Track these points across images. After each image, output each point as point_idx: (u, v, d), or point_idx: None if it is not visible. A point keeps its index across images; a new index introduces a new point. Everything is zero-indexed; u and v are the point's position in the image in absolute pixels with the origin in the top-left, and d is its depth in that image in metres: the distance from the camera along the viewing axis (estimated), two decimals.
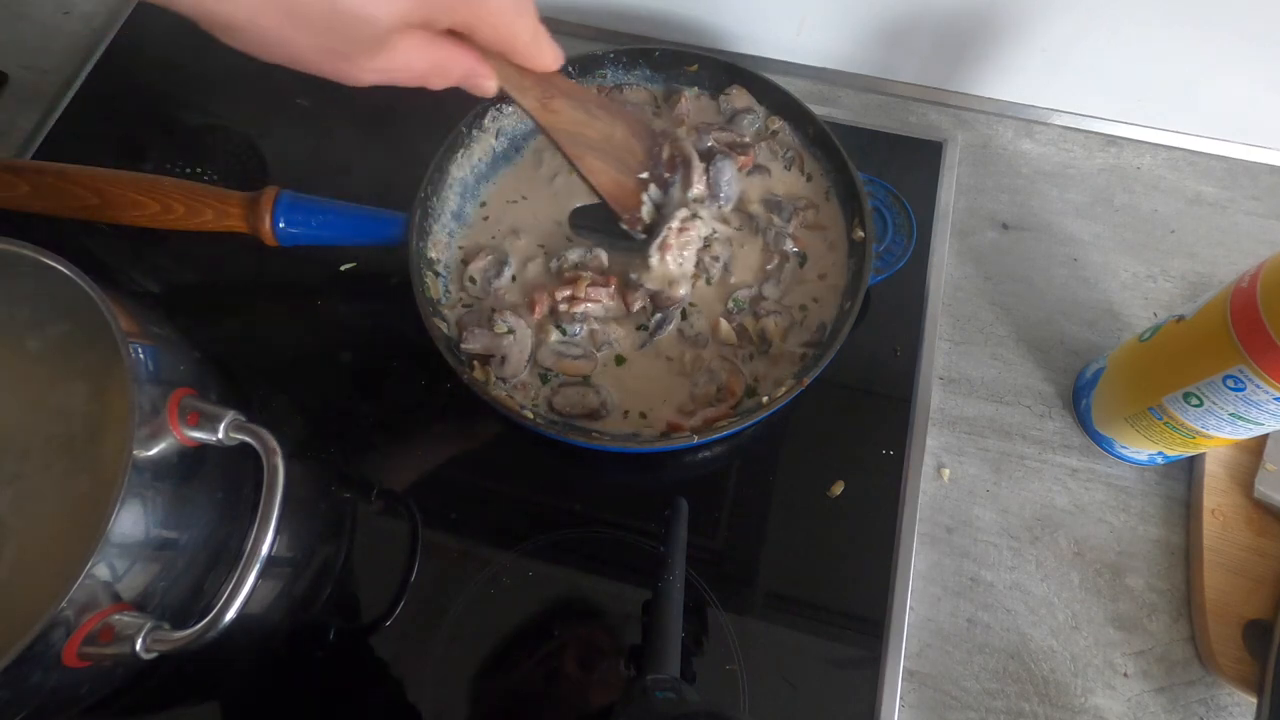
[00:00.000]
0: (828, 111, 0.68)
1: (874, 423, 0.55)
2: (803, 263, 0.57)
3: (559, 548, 0.51)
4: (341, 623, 0.49)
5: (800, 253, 0.57)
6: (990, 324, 0.60)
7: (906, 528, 0.52)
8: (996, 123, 0.69)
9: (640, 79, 0.64)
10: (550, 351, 0.52)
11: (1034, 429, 0.56)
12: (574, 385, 0.52)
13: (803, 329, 0.54)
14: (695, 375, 0.53)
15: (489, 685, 0.48)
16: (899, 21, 0.65)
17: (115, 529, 0.36)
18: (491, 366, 0.52)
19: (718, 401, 0.52)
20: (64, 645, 0.36)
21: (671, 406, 0.52)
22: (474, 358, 0.52)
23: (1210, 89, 0.63)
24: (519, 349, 0.52)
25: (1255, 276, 0.41)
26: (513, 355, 0.52)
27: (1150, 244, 0.63)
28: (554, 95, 0.44)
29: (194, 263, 0.62)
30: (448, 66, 0.35)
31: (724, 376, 0.52)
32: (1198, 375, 0.44)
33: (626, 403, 0.52)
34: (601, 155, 0.49)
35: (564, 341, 0.53)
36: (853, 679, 0.48)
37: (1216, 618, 0.48)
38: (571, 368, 0.52)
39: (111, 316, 0.39)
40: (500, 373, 0.52)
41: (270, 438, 0.42)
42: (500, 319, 0.52)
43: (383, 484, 0.54)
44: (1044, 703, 0.48)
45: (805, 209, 0.57)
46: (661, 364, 0.53)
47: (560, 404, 0.51)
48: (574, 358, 0.52)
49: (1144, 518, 0.53)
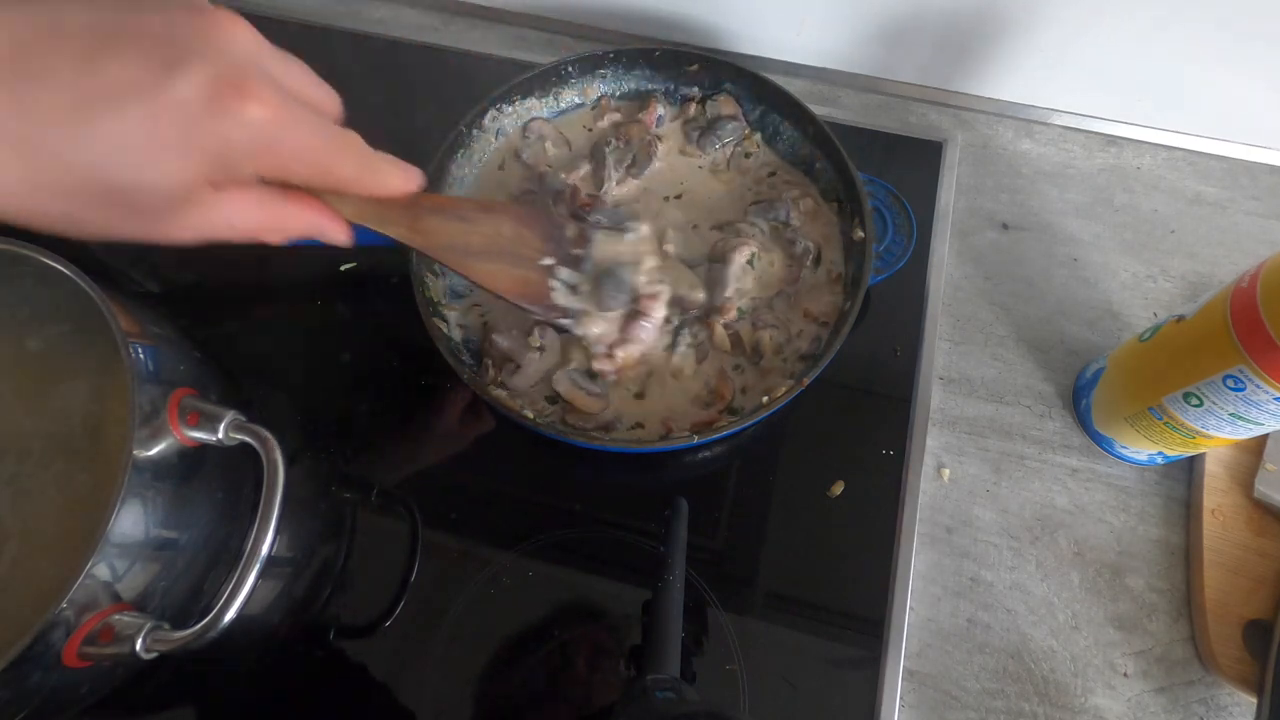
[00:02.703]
0: (828, 111, 0.68)
1: (874, 423, 0.55)
2: (818, 261, 0.56)
3: (559, 548, 0.51)
4: (341, 623, 0.49)
5: (815, 247, 0.57)
6: (990, 324, 0.60)
7: (906, 528, 0.52)
8: (996, 123, 0.70)
9: (640, 79, 0.64)
10: (566, 378, 0.51)
11: (1034, 429, 0.56)
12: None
13: (800, 340, 0.54)
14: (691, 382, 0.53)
15: (489, 685, 0.47)
16: (899, 21, 0.65)
17: (115, 529, 0.36)
18: (504, 372, 0.52)
19: (708, 405, 0.52)
20: (64, 645, 0.36)
21: (676, 414, 0.52)
22: (488, 356, 0.52)
23: (1210, 89, 0.63)
24: (538, 366, 0.52)
25: (1255, 276, 0.41)
26: (529, 369, 0.51)
27: (1150, 244, 0.63)
28: (420, 216, 0.40)
29: (194, 263, 0.62)
30: (283, 222, 0.32)
31: (714, 381, 0.52)
32: (1198, 375, 0.44)
33: (638, 417, 0.52)
34: (491, 257, 0.45)
35: (585, 374, 0.52)
36: (853, 679, 0.48)
37: (1216, 618, 0.48)
38: (583, 403, 0.51)
39: (111, 316, 0.39)
40: (509, 380, 0.51)
41: (270, 438, 0.41)
42: (540, 333, 0.52)
43: (383, 484, 0.54)
44: (1044, 703, 0.48)
45: (799, 198, 0.57)
46: (669, 380, 0.53)
47: (574, 420, 0.51)
48: (590, 394, 0.51)
49: (1144, 518, 0.53)
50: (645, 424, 0.51)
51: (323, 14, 0.75)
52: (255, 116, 0.27)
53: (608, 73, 0.63)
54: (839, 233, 0.57)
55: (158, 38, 0.25)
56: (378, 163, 0.33)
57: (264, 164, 0.29)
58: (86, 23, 0.25)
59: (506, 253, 0.46)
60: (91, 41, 0.24)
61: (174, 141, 0.26)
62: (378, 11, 0.77)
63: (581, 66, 0.62)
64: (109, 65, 0.24)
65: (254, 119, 0.27)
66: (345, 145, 0.31)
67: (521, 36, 0.75)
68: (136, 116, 0.25)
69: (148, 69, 0.25)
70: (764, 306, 0.55)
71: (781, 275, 0.56)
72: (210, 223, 0.29)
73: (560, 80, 0.62)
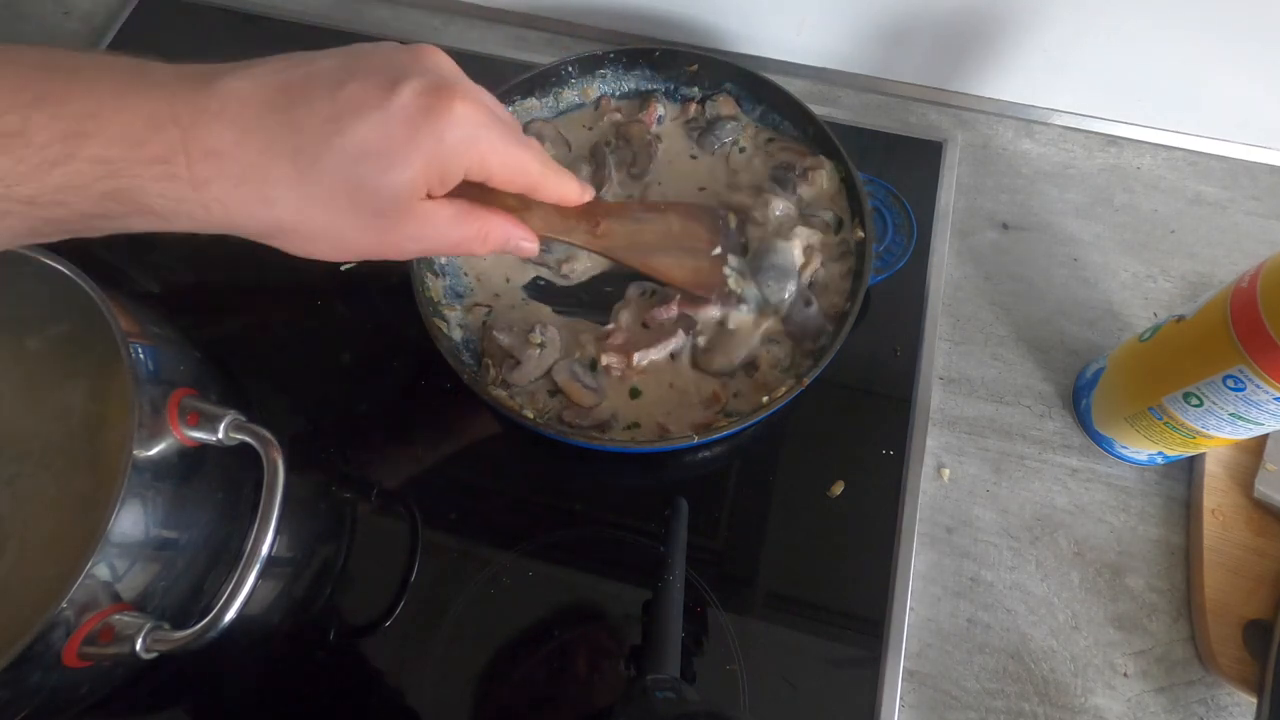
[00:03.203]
0: (828, 111, 0.68)
1: (874, 423, 0.55)
2: (839, 226, 0.57)
3: (559, 548, 0.51)
4: (341, 623, 0.49)
5: (836, 216, 0.57)
6: (990, 324, 0.60)
7: (906, 528, 0.52)
8: (996, 123, 0.69)
9: (640, 79, 0.64)
10: (566, 369, 0.52)
11: (1034, 429, 0.56)
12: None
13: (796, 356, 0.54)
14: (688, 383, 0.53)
15: (489, 685, 0.47)
16: (899, 21, 0.65)
17: (115, 529, 0.36)
18: (503, 369, 0.52)
19: (706, 407, 0.52)
20: (64, 645, 0.36)
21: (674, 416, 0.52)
22: (489, 355, 0.52)
23: (1210, 89, 0.63)
24: (538, 362, 0.52)
25: (1255, 276, 0.41)
26: (529, 365, 0.52)
27: (1150, 244, 0.63)
28: (598, 221, 0.45)
29: (194, 263, 0.62)
30: (487, 234, 0.37)
31: (709, 389, 0.53)
32: (1198, 375, 0.44)
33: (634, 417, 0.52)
34: (665, 252, 0.50)
35: (586, 367, 0.53)
36: (853, 679, 0.48)
37: (1216, 618, 0.48)
38: (577, 395, 0.52)
39: (111, 316, 0.39)
40: (509, 376, 0.52)
41: (270, 438, 0.42)
42: (541, 330, 0.52)
43: (383, 484, 0.54)
44: (1044, 703, 0.48)
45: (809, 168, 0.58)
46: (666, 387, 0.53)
47: (570, 417, 0.51)
48: (585, 387, 0.52)
49: (1144, 518, 0.53)
50: (641, 424, 0.51)
51: (323, 14, 0.75)
52: (462, 113, 0.32)
53: (608, 73, 0.63)
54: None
55: (385, 66, 0.32)
56: (560, 170, 0.39)
57: (472, 161, 0.33)
58: (333, 65, 0.32)
59: (678, 248, 0.51)
60: (338, 75, 0.31)
61: (403, 142, 0.31)
62: (378, 12, 0.77)
63: (581, 66, 0.62)
64: (351, 88, 0.31)
65: (462, 116, 0.32)
66: (535, 150, 0.37)
67: (521, 36, 0.75)
68: (374, 122, 0.30)
69: (380, 87, 0.31)
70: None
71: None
72: (431, 234, 0.35)
73: (560, 80, 0.62)
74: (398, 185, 0.32)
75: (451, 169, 0.33)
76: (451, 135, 0.32)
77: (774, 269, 0.53)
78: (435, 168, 0.33)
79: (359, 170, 0.31)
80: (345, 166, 0.31)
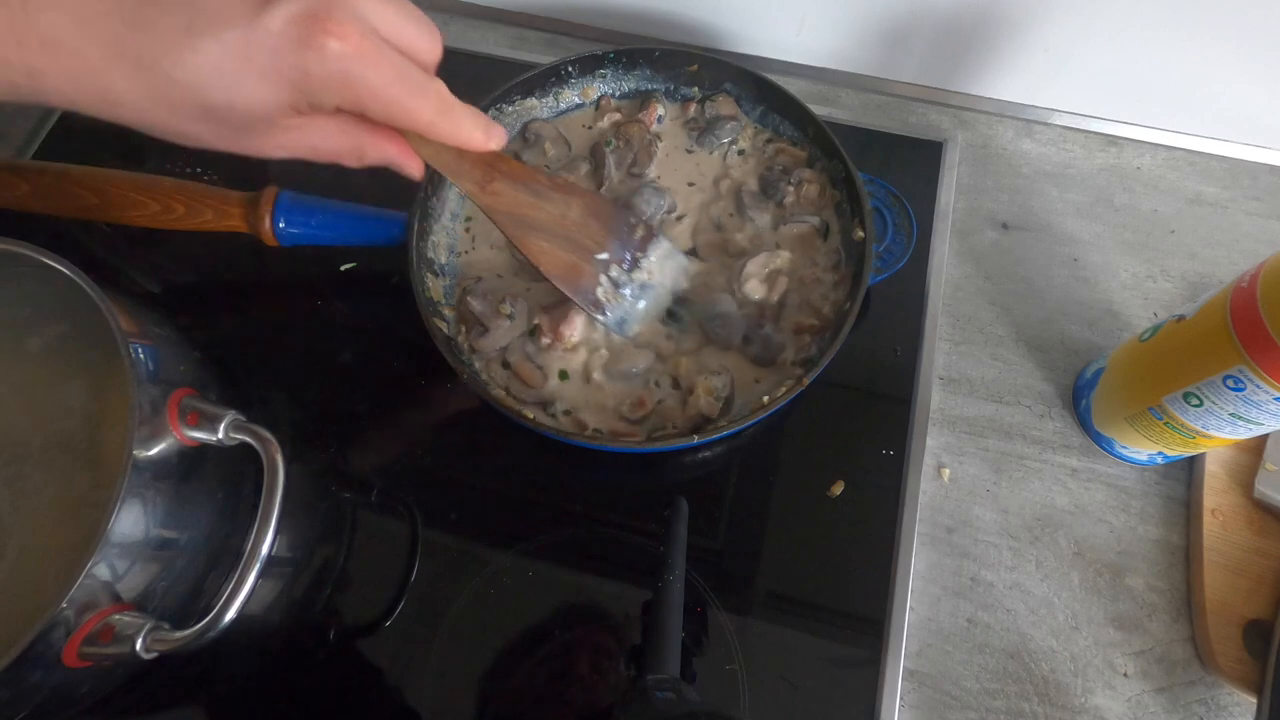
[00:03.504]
0: (828, 111, 0.68)
1: (874, 423, 0.55)
2: (826, 233, 0.57)
3: (559, 548, 0.51)
4: (341, 623, 0.49)
5: (823, 221, 0.57)
6: (990, 324, 0.60)
7: (906, 528, 0.52)
8: (996, 123, 0.70)
9: (640, 79, 0.64)
10: (519, 347, 0.53)
11: (1034, 429, 0.56)
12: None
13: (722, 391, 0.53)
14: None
15: (489, 685, 0.47)
16: (899, 21, 0.65)
17: (115, 529, 0.36)
18: (472, 334, 0.53)
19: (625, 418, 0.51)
20: (64, 645, 0.36)
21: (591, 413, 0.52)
22: (462, 319, 0.53)
23: (1210, 89, 0.63)
24: (506, 333, 0.53)
25: (1255, 276, 0.41)
26: (496, 334, 0.52)
27: (1150, 244, 0.63)
28: (494, 178, 0.42)
29: (194, 263, 0.62)
30: (362, 150, 0.35)
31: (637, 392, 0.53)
32: (1198, 375, 0.44)
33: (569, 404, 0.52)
34: (549, 237, 0.47)
35: (534, 341, 0.54)
36: (853, 679, 0.48)
37: (1216, 618, 0.48)
38: (526, 373, 0.52)
39: (111, 316, 0.39)
40: (475, 342, 0.52)
41: (270, 437, 0.42)
42: (511, 302, 0.53)
43: (383, 484, 0.54)
44: (1044, 703, 0.48)
45: (807, 181, 0.58)
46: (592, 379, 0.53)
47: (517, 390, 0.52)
48: (533, 366, 0.53)
49: (1144, 518, 0.53)
50: (572, 413, 0.52)
51: None
52: (334, 50, 0.29)
53: (608, 73, 0.63)
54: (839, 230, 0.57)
55: None
56: (459, 114, 0.35)
57: (341, 96, 0.31)
58: None
59: (564, 237, 0.48)
60: None
61: (262, 69, 0.29)
62: None
63: (581, 66, 0.62)
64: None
65: (332, 53, 0.29)
66: (424, 90, 0.33)
67: (521, 36, 0.75)
68: (232, 43, 0.28)
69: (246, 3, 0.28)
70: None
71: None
72: (295, 143, 0.33)
73: (560, 80, 0.62)
74: (252, 108, 0.30)
75: (320, 100, 0.31)
76: (319, 70, 0.29)
77: (719, 318, 0.53)
78: (300, 97, 0.30)
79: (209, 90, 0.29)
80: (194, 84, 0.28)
